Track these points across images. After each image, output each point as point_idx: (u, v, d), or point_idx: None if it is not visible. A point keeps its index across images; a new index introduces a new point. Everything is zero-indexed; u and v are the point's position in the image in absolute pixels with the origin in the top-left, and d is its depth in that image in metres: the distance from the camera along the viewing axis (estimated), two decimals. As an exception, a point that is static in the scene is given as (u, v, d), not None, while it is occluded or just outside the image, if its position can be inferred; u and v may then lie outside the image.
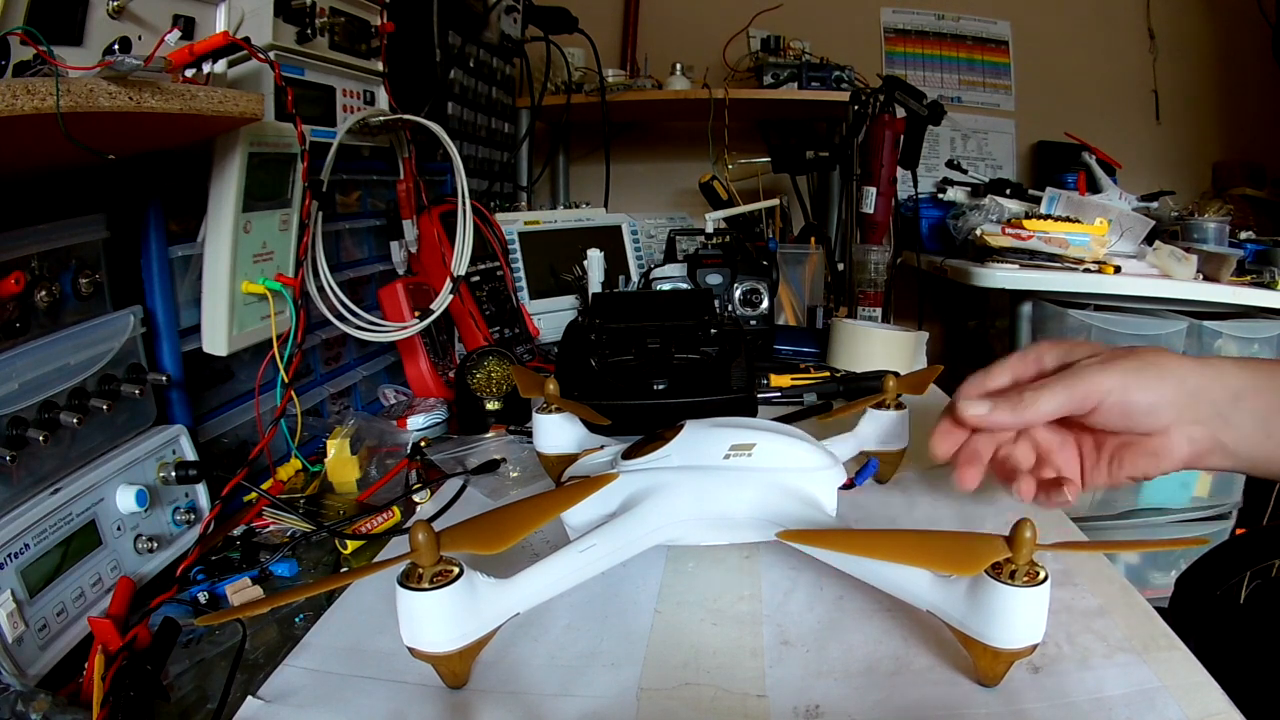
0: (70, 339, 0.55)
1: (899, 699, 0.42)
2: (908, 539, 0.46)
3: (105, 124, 0.49)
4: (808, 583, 0.54)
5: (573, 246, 1.30)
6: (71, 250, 0.57)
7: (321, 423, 0.87)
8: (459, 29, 1.27)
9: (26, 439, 0.50)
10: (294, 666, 0.46)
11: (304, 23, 0.76)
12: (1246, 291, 1.46)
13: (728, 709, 0.41)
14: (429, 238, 1.03)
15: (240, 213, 0.67)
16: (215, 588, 0.56)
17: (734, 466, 0.53)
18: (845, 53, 1.85)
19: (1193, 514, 1.56)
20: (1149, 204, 1.75)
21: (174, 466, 0.62)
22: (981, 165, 2.20)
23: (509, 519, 0.43)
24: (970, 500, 0.67)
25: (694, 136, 1.92)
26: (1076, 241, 1.51)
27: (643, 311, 0.92)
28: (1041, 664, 0.44)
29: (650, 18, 2.14)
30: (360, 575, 0.49)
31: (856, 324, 1.16)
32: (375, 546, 0.64)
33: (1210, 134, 2.24)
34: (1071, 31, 2.21)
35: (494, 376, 0.90)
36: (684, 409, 0.74)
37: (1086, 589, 0.52)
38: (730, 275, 1.23)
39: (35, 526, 0.49)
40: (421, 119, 0.94)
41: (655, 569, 0.56)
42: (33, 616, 0.48)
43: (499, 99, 1.54)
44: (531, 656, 0.47)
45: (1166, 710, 0.40)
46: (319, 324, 0.86)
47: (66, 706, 0.42)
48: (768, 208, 1.55)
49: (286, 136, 0.71)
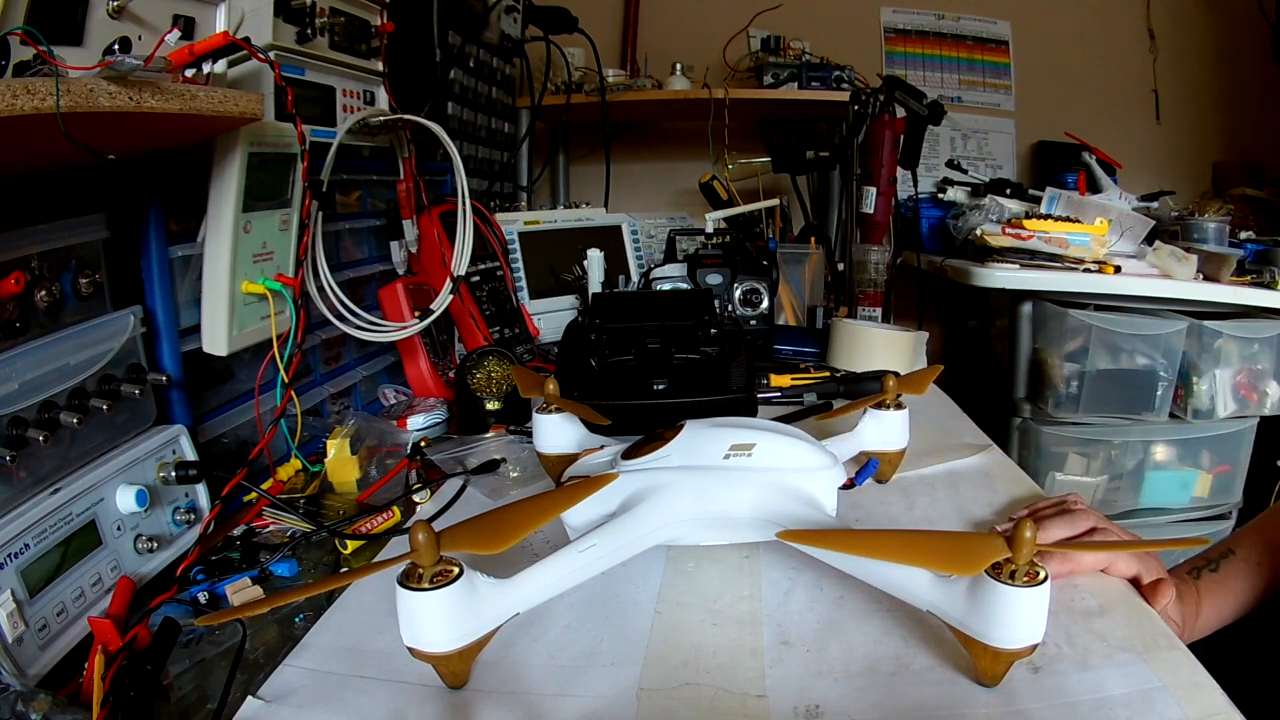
0: (70, 339, 0.55)
1: (899, 699, 0.42)
2: (908, 539, 0.46)
3: (105, 124, 0.49)
4: (808, 583, 0.54)
5: (573, 246, 1.30)
6: (71, 250, 0.57)
7: (321, 423, 0.87)
8: (459, 29, 1.27)
9: (26, 439, 0.50)
10: (294, 666, 0.46)
11: (304, 23, 0.76)
12: (1246, 291, 1.46)
13: (728, 709, 0.41)
14: (429, 238, 1.03)
15: (240, 213, 0.67)
16: (215, 588, 0.56)
17: (734, 466, 0.53)
18: (845, 53, 1.85)
19: (1193, 514, 1.55)
20: (1149, 204, 1.75)
21: (174, 466, 0.62)
22: (981, 165, 2.19)
23: (509, 519, 0.43)
24: (970, 500, 0.67)
25: (694, 136, 1.92)
26: (1076, 241, 1.51)
27: (643, 311, 0.92)
28: (1041, 664, 0.44)
29: (650, 18, 2.14)
30: (360, 575, 0.49)
31: (856, 324, 1.16)
32: (375, 546, 0.64)
33: (1210, 134, 2.24)
34: (1071, 31, 2.21)
35: (494, 376, 0.90)
36: (684, 409, 0.74)
37: (1086, 589, 0.52)
38: (730, 275, 1.23)
39: (35, 526, 0.49)
40: (421, 119, 0.94)
41: (655, 569, 0.56)
42: (33, 616, 0.48)
43: (499, 99, 1.54)
44: (531, 656, 0.47)
45: (1166, 710, 0.40)
46: (319, 324, 0.86)
47: (66, 706, 0.42)
48: (768, 208, 1.55)
49: (286, 136, 0.71)
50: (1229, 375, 1.50)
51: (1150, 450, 1.55)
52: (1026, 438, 1.57)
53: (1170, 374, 1.49)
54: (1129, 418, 1.52)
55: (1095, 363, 1.49)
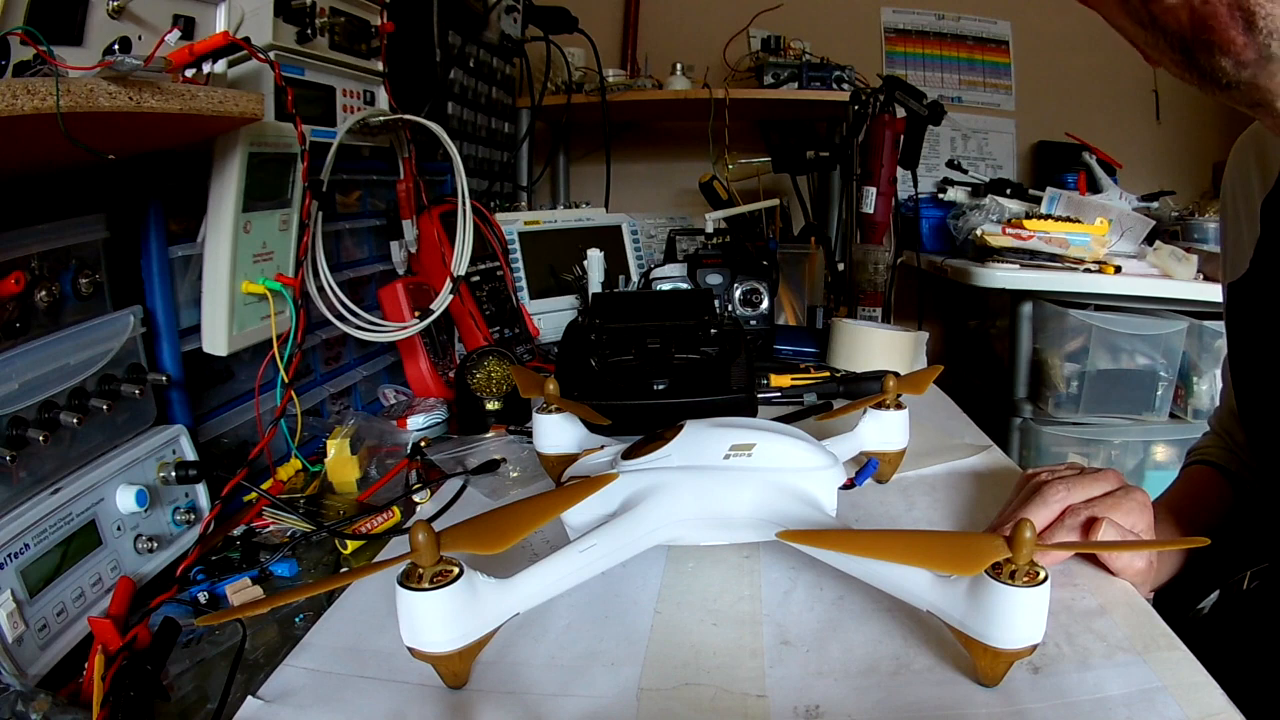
0: (70, 339, 0.55)
1: (899, 699, 0.42)
2: (908, 539, 0.46)
3: (105, 124, 0.49)
4: (808, 583, 0.54)
5: (573, 246, 1.30)
6: (71, 250, 0.57)
7: (321, 423, 0.87)
8: (459, 29, 1.27)
9: (26, 439, 0.50)
10: (294, 666, 0.46)
11: (304, 23, 0.76)
12: (1247, 291, 1.46)
13: (728, 709, 0.41)
14: (429, 238, 1.03)
15: (240, 213, 0.67)
16: (215, 588, 0.56)
17: (734, 466, 0.53)
18: (845, 53, 1.85)
19: (1193, 514, 1.56)
20: (1149, 204, 1.75)
21: (174, 466, 0.62)
22: (981, 165, 2.20)
23: (509, 519, 0.43)
24: (970, 500, 0.67)
25: (694, 136, 1.92)
26: (1077, 241, 1.51)
27: (643, 311, 0.92)
28: (1041, 664, 0.44)
29: (650, 18, 2.14)
30: (360, 575, 0.49)
31: (856, 324, 1.16)
32: (375, 546, 0.64)
33: (1210, 134, 2.24)
34: (1071, 31, 2.20)
35: (494, 376, 0.90)
36: (684, 409, 0.74)
37: (1086, 589, 0.52)
38: (730, 275, 1.23)
39: (35, 526, 0.49)
40: (421, 119, 0.94)
41: (655, 569, 0.56)
42: (33, 616, 0.48)
43: (499, 99, 1.54)
44: (531, 656, 0.47)
45: (1166, 710, 0.40)
46: (319, 324, 0.86)
47: (66, 706, 0.42)
48: (768, 208, 1.55)
49: (286, 136, 0.71)
50: (1229, 375, 1.50)
51: (1150, 450, 1.55)
52: (1027, 438, 1.57)
53: (1170, 374, 1.49)
54: (1129, 418, 1.52)
55: (1095, 363, 1.49)
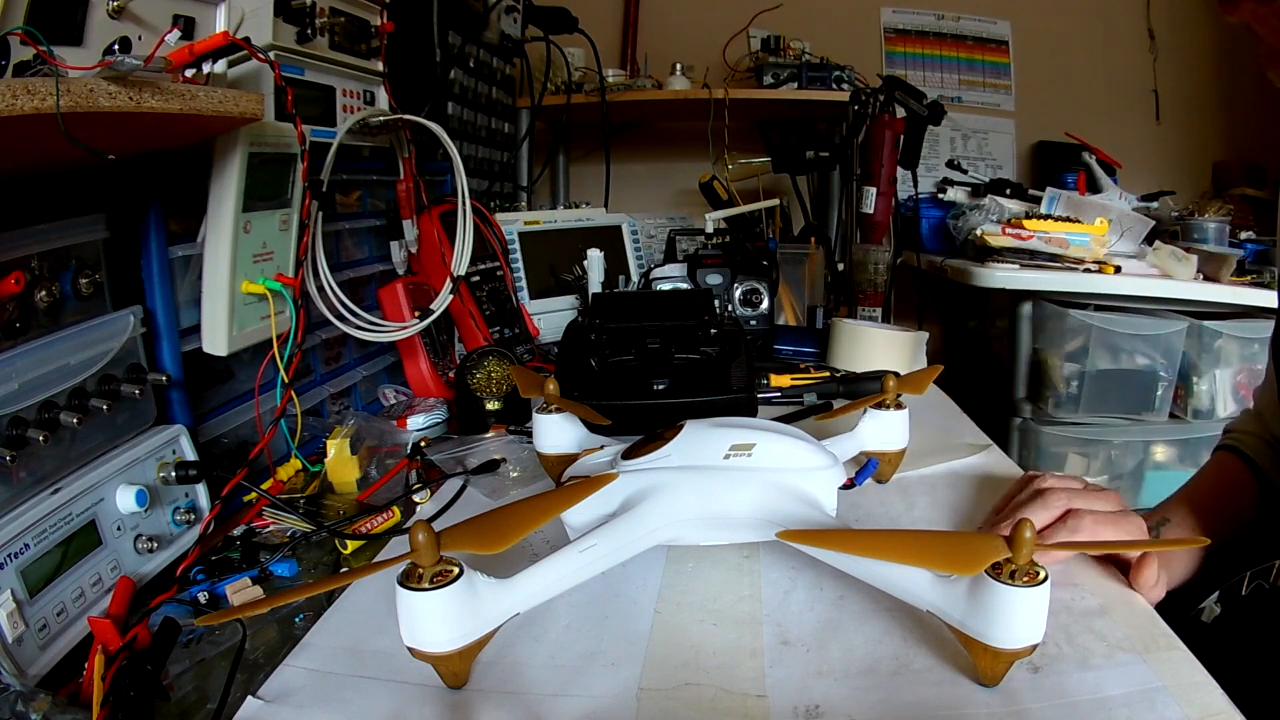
0: (70, 339, 0.55)
1: (899, 699, 0.42)
2: (908, 539, 0.46)
3: (105, 124, 0.49)
4: (808, 583, 0.54)
5: (573, 246, 1.30)
6: (71, 250, 0.57)
7: (321, 423, 0.87)
8: (459, 29, 1.27)
9: (26, 439, 0.50)
10: (294, 666, 0.46)
11: (304, 23, 0.76)
12: (1246, 291, 1.46)
13: (728, 709, 0.41)
14: (429, 238, 1.03)
15: (240, 213, 0.67)
16: (215, 588, 0.56)
17: (734, 466, 0.53)
18: (845, 53, 1.85)
19: (1193, 514, 1.56)
20: (1149, 204, 1.75)
21: (174, 466, 0.62)
22: (981, 165, 2.19)
23: (509, 519, 0.43)
24: (970, 500, 0.67)
25: (694, 136, 1.92)
26: (1076, 241, 1.51)
27: (643, 311, 0.92)
28: (1041, 664, 0.44)
29: (650, 18, 2.14)
30: (360, 575, 0.49)
31: (856, 324, 1.16)
32: (375, 546, 0.64)
33: (1210, 134, 2.24)
34: (1071, 31, 2.21)
35: (494, 376, 0.90)
36: (684, 409, 0.74)
37: (1086, 589, 0.52)
38: (730, 275, 1.23)
39: (35, 526, 0.49)
40: (421, 119, 0.94)
41: (655, 569, 0.56)
42: (33, 616, 0.48)
43: (499, 99, 1.54)
44: (531, 656, 0.47)
45: (1166, 710, 0.40)
46: (319, 324, 0.86)
47: (66, 706, 0.42)
48: (768, 208, 1.55)
49: (286, 136, 0.71)
50: (1229, 375, 1.50)
51: (1150, 450, 1.55)
52: (1026, 438, 1.57)
53: (1170, 374, 1.49)
54: (1129, 418, 1.52)
55: (1095, 363, 1.49)
